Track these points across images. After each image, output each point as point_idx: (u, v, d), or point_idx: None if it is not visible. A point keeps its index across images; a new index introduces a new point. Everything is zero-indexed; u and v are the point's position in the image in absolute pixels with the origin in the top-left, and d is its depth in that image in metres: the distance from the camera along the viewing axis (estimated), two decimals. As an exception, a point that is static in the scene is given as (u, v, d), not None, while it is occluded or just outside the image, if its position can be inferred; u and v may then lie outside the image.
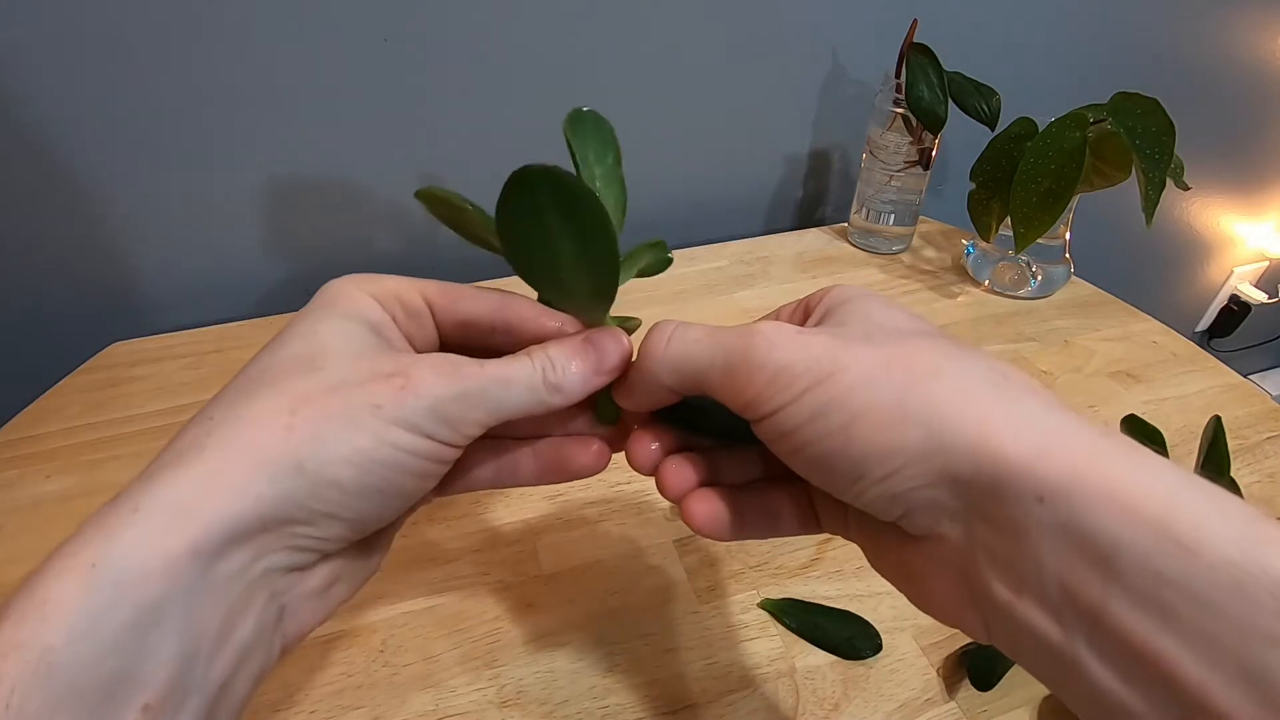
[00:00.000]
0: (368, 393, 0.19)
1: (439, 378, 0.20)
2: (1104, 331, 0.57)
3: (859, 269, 0.65)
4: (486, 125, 0.61)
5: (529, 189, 0.19)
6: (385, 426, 0.19)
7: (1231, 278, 1.17)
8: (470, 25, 0.56)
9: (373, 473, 0.19)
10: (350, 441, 0.19)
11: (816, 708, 0.33)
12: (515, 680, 0.34)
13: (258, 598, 0.19)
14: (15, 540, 0.40)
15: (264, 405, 0.19)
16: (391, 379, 0.20)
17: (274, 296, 0.62)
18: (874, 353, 0.19)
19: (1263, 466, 0.45)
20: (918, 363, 0.19)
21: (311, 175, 0.59)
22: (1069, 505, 0.16)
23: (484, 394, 0.21)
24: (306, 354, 0.20)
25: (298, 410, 0.19)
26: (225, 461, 0.18)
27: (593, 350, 0.23)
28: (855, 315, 0.21)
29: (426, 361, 0.21)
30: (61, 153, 0.52)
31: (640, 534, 0.41)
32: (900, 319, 0.21)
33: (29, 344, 0.58)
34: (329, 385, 0.19)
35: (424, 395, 0.20)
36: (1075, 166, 0.49)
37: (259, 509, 0.18)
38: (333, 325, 0.21)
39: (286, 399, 0.19)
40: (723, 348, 0.21)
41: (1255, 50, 0.88)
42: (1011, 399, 0.18)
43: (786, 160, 0.73)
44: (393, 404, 0.19)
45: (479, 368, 0.21)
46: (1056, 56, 0.77)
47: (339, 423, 0.19)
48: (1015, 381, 0.19)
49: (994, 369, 0.19)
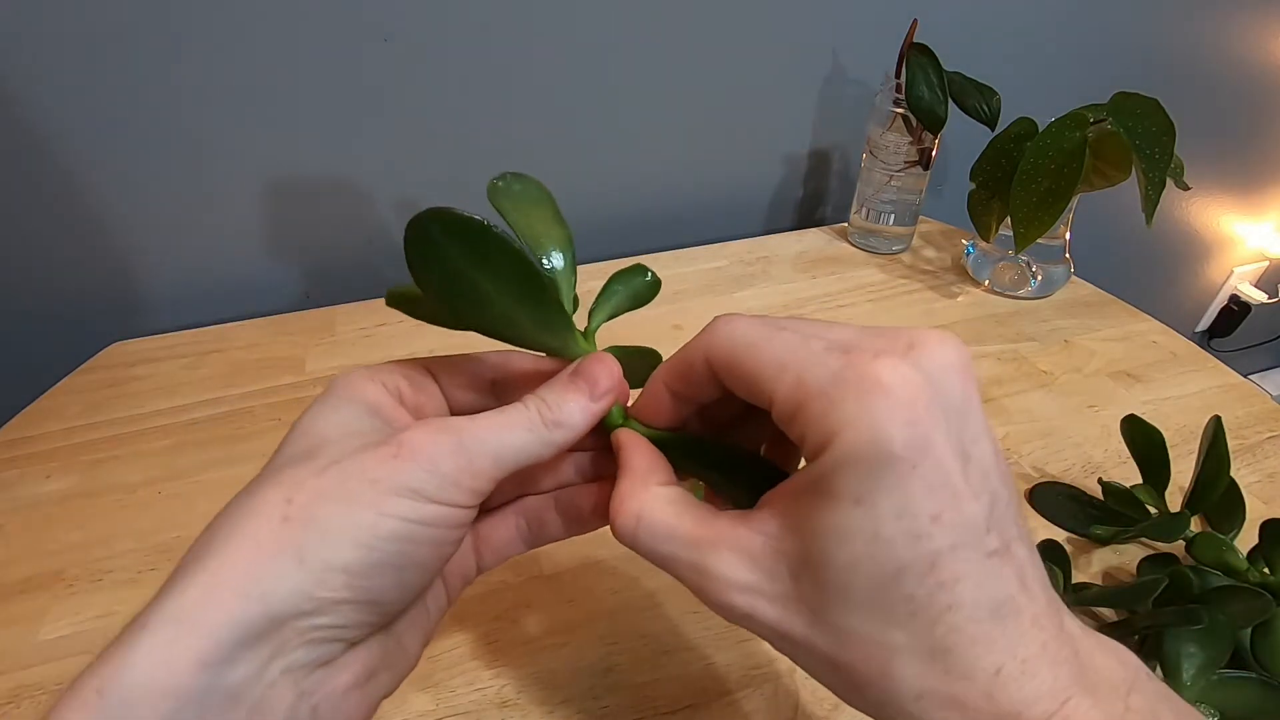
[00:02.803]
0: (362, 467, 0.19)
1: (433, 436, 0.20)
2: (1104, 331, 0.57)
3: (859, 269, 0.65)
4: (487, 125, 0.61)
5: (423, 234, 0.19)
6: (384, 498, 0.18)
7: (1231, 278, 1.17)
8: (471, 25, 0.56)
9: (379, 549, 0.18)
10: (350, 520, 0.18)
11: (816, 708, 0.33)
12: (515, 680, 0.34)
13: (282, 700, 0.18)
14: (15, 540, 0.40)
15: (261, 499, 0.18)
16: (384, 448, 0.19)
17: (274, 296, 0.62)
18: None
19: (1263, 466, 0.45)
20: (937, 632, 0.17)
21: (311, 175, 0.59)
22: None
23: (483, 444, 0.20)
24: (304, 446, 0.20)
25: (293, 498, 0.18)
26: (225, 565, 0.17)
27: (582, 379, 0.22)
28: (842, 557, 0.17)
29: (419, 426, 0.20)
30: (61, 153, 0.52)
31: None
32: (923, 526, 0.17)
33: (29, 344, 0.58)
34: (321, 469, 0.19)
35: (420, 458, 0.19)
36: (1075, 166, 0.49)
37: (265, 608, 0.17)
38: (329, 414, 0.21)
39: (283, 489, 0.18)
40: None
41: (1255, 50, 0.88)
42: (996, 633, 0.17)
43: (786, 160, 0.73)
44: (389, 473, 0.19)
45: (472, 421, 0.20)
46: (1056, 56, 0.77)
47: (336, 503, 0.18)
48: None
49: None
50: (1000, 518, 0.17)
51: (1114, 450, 0.45)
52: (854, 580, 0.17)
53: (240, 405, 0.49)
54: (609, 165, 0.67)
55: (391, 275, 0.65)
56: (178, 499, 0.43)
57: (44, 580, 0.38)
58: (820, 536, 0.17)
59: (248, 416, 0.49)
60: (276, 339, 0.56)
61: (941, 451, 0.16)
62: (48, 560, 0.39)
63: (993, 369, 0.53)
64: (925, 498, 0.16)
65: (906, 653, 0.17)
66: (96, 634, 0.36)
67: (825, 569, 0.17)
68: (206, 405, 0.49)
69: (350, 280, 0.64)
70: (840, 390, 0.17)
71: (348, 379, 0.22)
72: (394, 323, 0.57)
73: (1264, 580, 0.35)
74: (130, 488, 0.43)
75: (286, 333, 0.56)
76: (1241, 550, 0.36)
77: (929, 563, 0.16)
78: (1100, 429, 0.47)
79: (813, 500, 0.17)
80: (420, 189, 0.62)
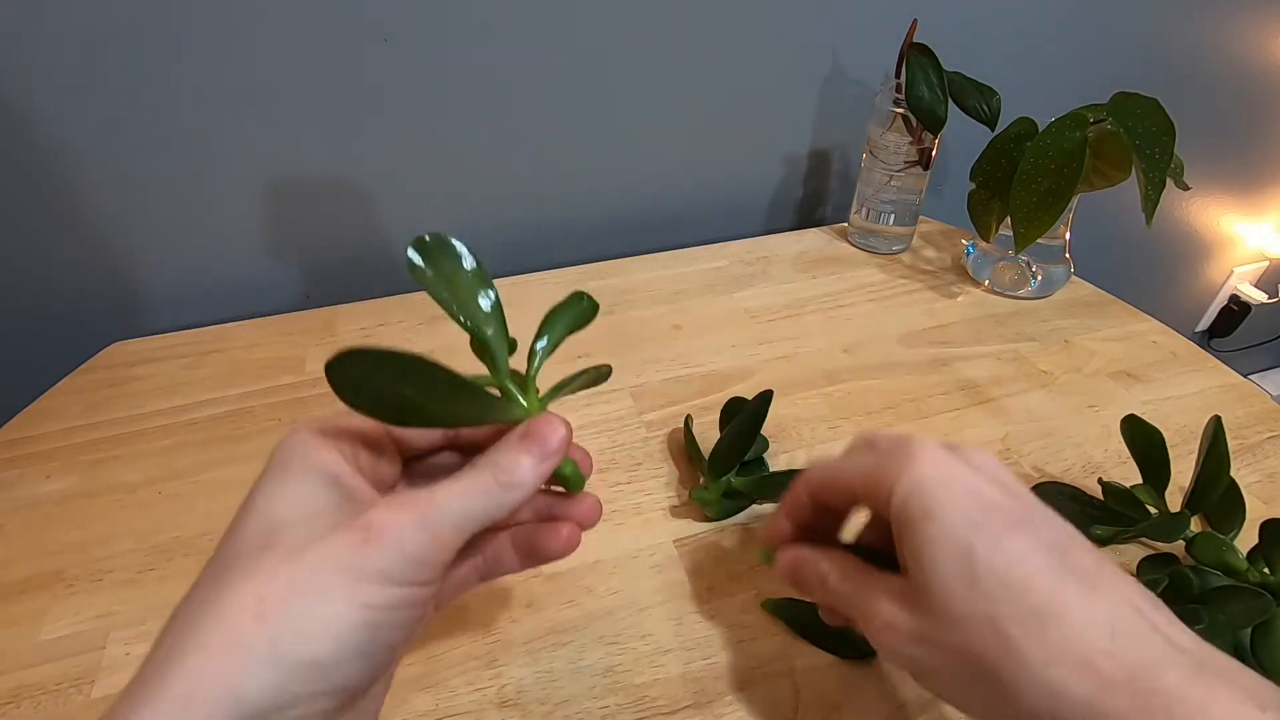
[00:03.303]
0: (334, 554, 0.19)
1: (397, 516, 0.20)
2: (1104, 331, 0.57)
3: (859, 269, 0.65)
4: (487, 125, 0.60)
5: (344, 376, 0.20)
6: (357, 586, 0.19)
7: (1231, 278, 1.17)
8: (471, 25, 0.56)
9: (352, 639, 0.19)
10: (324, 614, 0.18)
11: (816, 708, 0.33)
12: (515, 680, 0.34)
13: None
14: (15, 540, 0.40)
15: (233, 595, 0.18)
16: (352, 534, 0.19)
17: (274, 296, 0.62)
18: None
19: (1263, 466, 0.45)
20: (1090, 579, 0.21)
21: (311, 175, 0.59)
22: None
23: (445, 516, 0.21)
24: (266, 528, 0.20)
25: (264, 595, 0.18)
26: (202, 670, 0.17)
27: (532, 440, 0.23)
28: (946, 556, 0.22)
29: (383, 506, 0.20)
30: (62, 153, 0.52)
31: (640, 534, 0.41)
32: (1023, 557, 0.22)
33: (29, 344, 0.58)
34: (287, 557, 0.19)
35: (390, 540, 0.19)
36: (1075, 166, 0.49)
37: (240, 710, 0.17)
38: (289, 491, 0.21)
39: (254, 583, 0.18)
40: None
41: (1255, 50, 0.88)
42: (1160, 655, 0.19)
43: (786, 160, 0.73)
44: (360, 559, 0.19)
45: (431, 494, 0.21)
46: (1056, 56, 0.77)
47: (307, 597, 0.18)
48: (1164, 624, 0.21)
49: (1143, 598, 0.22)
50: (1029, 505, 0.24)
51: (1114, 450, 0.45)
52: (946, 567, 0.22)
53: (240, 405, 0.49)
54: (609, 165, 0.67)
55: (391, 275, 0.65)
56: (178, 499, 0.43)
57: (44, 580, 0.38)
58: (915, 553, 0.23)
59: (248, 416, 0.49)
60: (276, 339, 0.56)
61: (967, 473, 0.24)
62: (48, 560, 0.39)
63: (993, 369, 0.53)
64: (967, 499, 0.23)
65: (1016, 622, 0.20)
66: (96, 634, 0.36)
67: (927, 572, 0.22)
68: (206, 405, 0.49)
69: (350, 280, 0.64)
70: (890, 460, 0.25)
71: (303, 445, 0.21)
72: (394, 323, 0.57)
73: (1264, 580, 0.35)
74: (130, 488, 0.43)
75: (286, 333, 0.56)
76: (1241, 550, 0.36)
77: (993, 539, 0.22)
78: (1100, 429, 0.47)
79: (903, 533, 0.23)
80: (420, 189, 0.62)
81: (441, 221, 0.64)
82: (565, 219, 0.68)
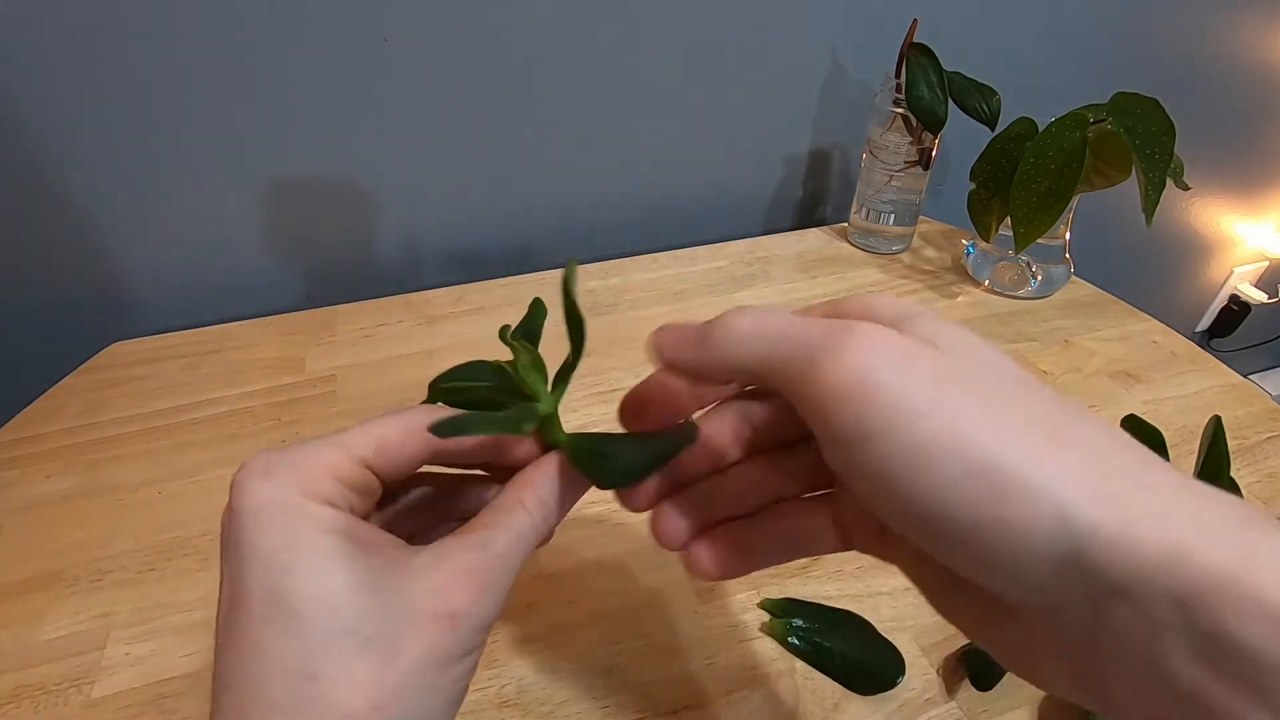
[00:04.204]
0: (428, 653, 0.18)
1: (467, 589, 0.19)
2: (1104, 331, 0.57)
3: (859, 269, 0.65)
4: (487, 125, 0.60)
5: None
6: (452, 668, 0.19)
7: (1231, 278, 1.17)
8: (471, 25, 0.56)
9: (453, 707, 0.19)
10: (433, 704, 0.18)
11: (816, 708, 0.33)
12: (515, 680, 0.34)
13: None
14: (15, 540, 0.40)
15: (342, 707, 0.17)
16: (437, 624, 0.18)
17: (274, 296, 0.62)
18: (1000, 400, 0.17)
19: (1263, 466, 0.45)
20: (1042, 422, 0.17)
21: (311, 175, 0.59)
22: (1214, 614, 0.14)
23: (504, 567, 0.20)
24: (336, 625, 0.17)
25: (379, 704, 0.17)
26: None
27: (566, 480, 0.22)
28: (958, 343, 0.19)
29: (449, 577, 0.19)
30: (61, 153, 0.52)
31: (640, 534, 0.40)
32: (1008, 362, 0.19)
33: (29, 344, 0.58)
34: (387, 660, 0.18)
35: (466, 619, 0.19)
36: (1075, 166, 0.49)
37: None
38: (317, 571, 0.18)
39: (363, 691, 0.17)
40: (807, 343, 0.18)
41: (1255, 50, 0.88)
42: (1145, 473, 0.16)
43: (786, 160, 0.73)
44: (451, 648, 0.18)
45: (485, 551, 0.20)
46: (1056, 56, 0.77)
47: (421, 696, 0.18)
48: (1140, 450, 0.17)
49: (1109, 431, 0.18)
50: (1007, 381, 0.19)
51: (1114, 450, 0.45)
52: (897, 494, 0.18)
53: (240, 405, 0.49)
54: (609, 166, 0.67)
55: (391, 275, 0.65)
56: (178, 499, 0.43)
57: (44, 580, 0.38)
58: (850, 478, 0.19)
59: (248, 416, 0.49)
60: (276, 339, 0.56)
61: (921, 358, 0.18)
62: (48, 560, 0.39)
63: (993, 369, 0.53)
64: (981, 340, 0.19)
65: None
66: (96, 634, 0.36)
67: (957, 353, 0.19)
68: (206, 405, 0.49)
69: (350, 280, 0.64)
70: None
71: (284, 504, 0.18)
72: (394, 323, 0.57)
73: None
74: (130, 488, 0.43)
75: (286, 333, 0.56)
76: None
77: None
78: (1100, 429, 0.47)
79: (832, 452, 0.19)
80: (420, 189, 0.62)
81: (441, 221, 0.64)
82: (565, 218, 0.68)
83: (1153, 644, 0.15)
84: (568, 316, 0.22)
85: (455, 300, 0.60)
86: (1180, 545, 0.15)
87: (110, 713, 0.33)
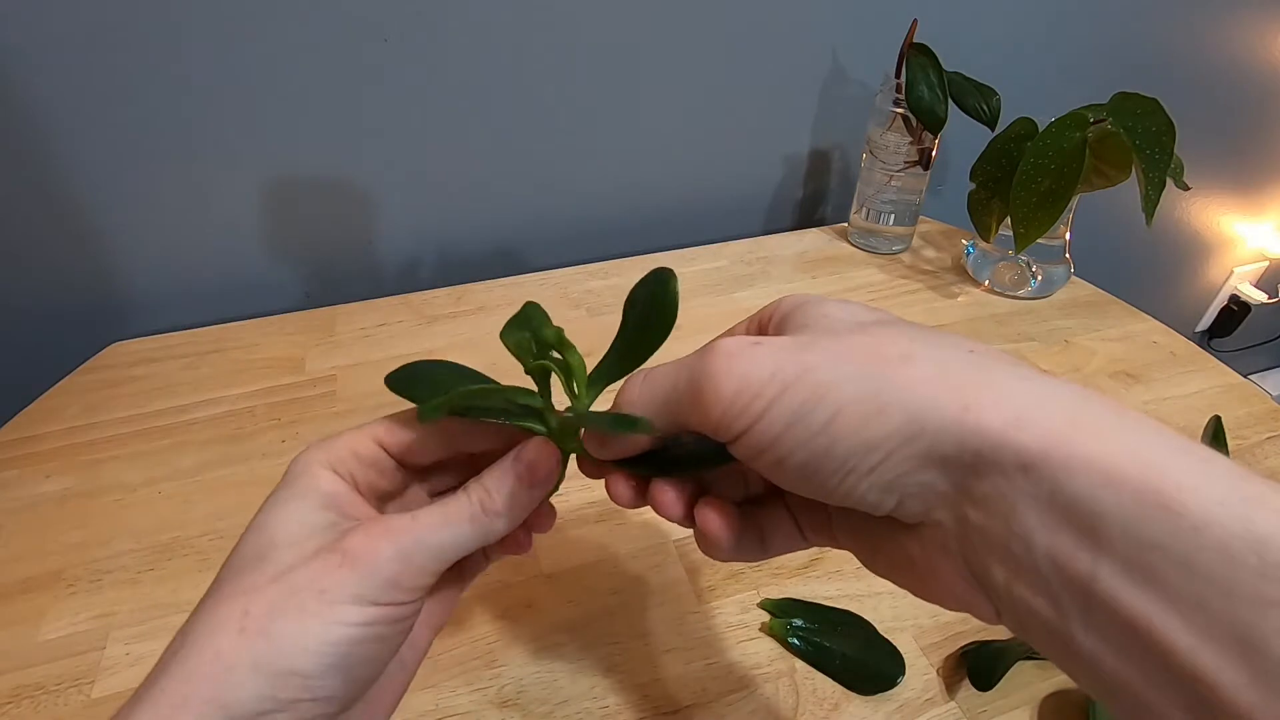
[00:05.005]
0: (312, 577, 0.20)
1: (375, 544, 0.20)
2: (1104, 331, 0.57)
3: (859, 269, 0.65)
4: (486, 125, 0.60)
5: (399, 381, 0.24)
6: (332, 608, 0.19)
7: (1231, 278, 1.17)
8: (471, 25, 0.56)
9: (330, 654, 0.19)
10: (301, 630, 0.19)
11: (816, 708, 0.33)
12: (515, 680, 0.34)
13: None
14: (15, 540, 0.40)
15: (221, 611, 0.20)
16: (330, 557, 0.20)
17: (274, 296, 0.62)
18: (839, 346, 0.19)
19: (1263, 466, 0.45)
20: (887, 349, 0.19)
21: (311, 175, 0.59)
22: (1052, 473, 0.16)
23: (425, 545, 0.21)
24: (262, 547, 0.21)
25: (248, 610, 0.19)
26: (192, 678, 0.19)
27: (521, 466, 0.23)
28: (813, 316, 0.21)
29: (361, 531, 0.21)
30: (62, 152, 0.52)
31: (640, 534, 0.41)
32: (859, 313, 0.21)
33: (29, 344, 0.58)
34: (274, 577, 0.20)
35: (363, 566, 0.20)
36: (1075, 166, 0.49)
37: (228, 714, 0.18)
38: (282, 512, 0.22)
39: (240, 600, 0.20)
40: (686, 370, 0.21)
41: (1255, 51, 0.88)
42: (987, 372, 0.18)
43: (786, 160, 0.73)
44: (335, 583, 0.20)
45: (413, 521, 0.21)
46: (1056, 56, 0.77)
47: (287, 616, 0.19)
48: (989, 355, 0.19)
49: (963, 345, 0.19)
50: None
51: (1114, 450, 0.45)
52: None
53: (240, 405, 0.49)
54: (610, 165, 0.67)
55: (391, 275, 0.65)
56: (178, 499, 0.43)
57: (44, 580, 0.38)
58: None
59: (248, 416, 0.49)
60: (276, 339, 0.56)
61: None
62: (48, 560, 0.39)
63: (993, 369, 0.53)
64: (843, 303, 0.22)
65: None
66: (96, 634, 0.36)
67: (808, 327, 0.21)
68: (206, 405, 0.49)
69: (350, 280, 0.64)
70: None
71: (306, 466, 0.23)
72: (394, 323, 0.57)
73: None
74: (130, 488, 0.43)
75: (286, 333, 0.56)
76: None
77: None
78: (1100, 429, 0.47)
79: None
80: (420, 189, 0.62)
81: (441, 220, 0.64)
82: (565, 219, 0.68)
83: (1011, 519, 0.16)
84: (658, 310, 0.25)
85: (455, 300, 0.60)
86: (1016, 416, 0.17)
87: (110, 713, 0.32)
